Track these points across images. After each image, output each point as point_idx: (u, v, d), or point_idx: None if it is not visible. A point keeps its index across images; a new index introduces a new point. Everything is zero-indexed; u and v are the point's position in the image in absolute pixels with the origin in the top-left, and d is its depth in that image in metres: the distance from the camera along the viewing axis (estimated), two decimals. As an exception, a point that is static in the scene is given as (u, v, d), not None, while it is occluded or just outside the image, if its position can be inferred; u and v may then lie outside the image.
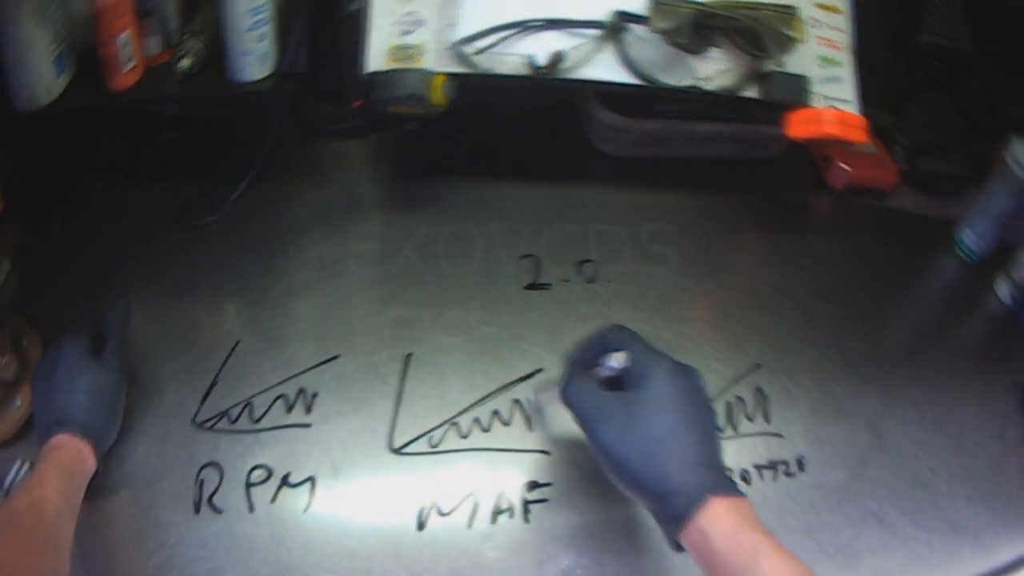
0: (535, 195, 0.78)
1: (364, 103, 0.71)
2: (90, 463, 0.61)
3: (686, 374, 0.52)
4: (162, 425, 0.68)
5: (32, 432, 0.72)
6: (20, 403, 0.71)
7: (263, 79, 0.73)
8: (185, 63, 0.72)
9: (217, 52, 0.73)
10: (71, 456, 0.60)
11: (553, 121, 0.81)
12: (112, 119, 0.80)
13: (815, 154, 0.84)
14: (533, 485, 0.63)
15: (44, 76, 0.68)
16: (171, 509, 0.64)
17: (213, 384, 0.69)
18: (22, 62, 0.67)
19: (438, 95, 0.67)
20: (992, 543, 0.65)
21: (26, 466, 0.70)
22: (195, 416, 0.68)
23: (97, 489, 0.65)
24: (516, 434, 0.66)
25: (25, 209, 0.80)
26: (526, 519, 0.61)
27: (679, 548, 0.49)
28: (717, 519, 0.46)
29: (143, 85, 0.73)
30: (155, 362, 0.71)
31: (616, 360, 0.53)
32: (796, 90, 0.72)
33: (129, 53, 0.71)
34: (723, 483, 0.48)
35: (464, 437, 0.65)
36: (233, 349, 0.70)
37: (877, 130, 0.84)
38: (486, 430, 0.66)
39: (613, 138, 0.76)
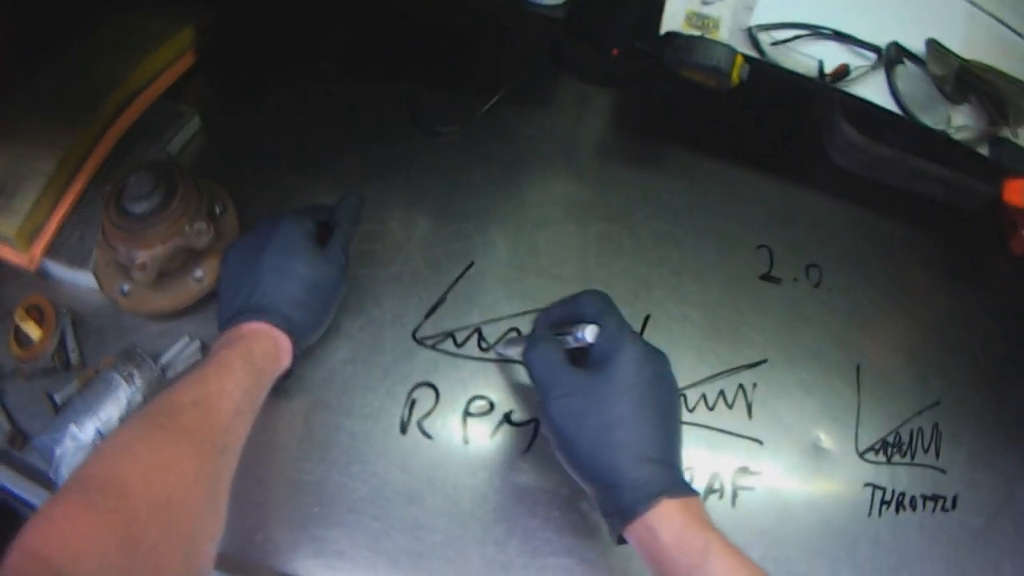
0: (761, 186, 0.75)
1: (620, 53, 0.69)
2: (285, 360, 0.53)
3: (655, 360, 0.49)
4: (374, 332, 0.64)
5: (207, 309, 0.65)
6: (203, 275, 0.63)
7: (558, 5, 0.69)
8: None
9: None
10: (264, 349, 0.51)
11: (782, 118, 0.80)
12: (347, 9, 0.74)
13: (1004, 217, 0.86)
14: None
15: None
16: (372, 424, 0.60)
17: (440, 301, 0.65)
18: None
19: (736, 74, 0.67)
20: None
21: (193, 345, 0.63)
22: (416, 331, 0.64)
23: (283, 390, 0.59)
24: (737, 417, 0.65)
25: (231, 70, 0.73)
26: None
27: (621, 541, 0.47)
28: (667, 517, 0.44)
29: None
30: (374, 265, 0.65)
31: (588, 333, 0.50)
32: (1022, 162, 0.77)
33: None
34: (676, 483, 0.45)
35: (690, 411, 0.64)
36: (467, 269, 0.66)
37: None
38: (711, 408, 0.65)
39: (849, 153, 0.78)
